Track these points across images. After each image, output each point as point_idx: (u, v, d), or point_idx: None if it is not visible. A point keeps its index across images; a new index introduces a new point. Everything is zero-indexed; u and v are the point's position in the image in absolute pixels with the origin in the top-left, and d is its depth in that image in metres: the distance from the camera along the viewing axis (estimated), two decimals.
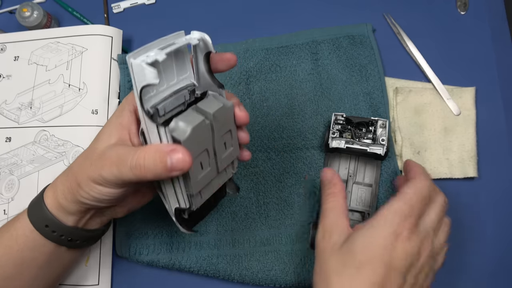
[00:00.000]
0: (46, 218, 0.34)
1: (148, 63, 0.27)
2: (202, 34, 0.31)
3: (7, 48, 0.54)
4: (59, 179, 0.35)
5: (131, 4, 0.58)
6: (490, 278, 0.45)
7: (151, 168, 0.29)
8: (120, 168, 0.30)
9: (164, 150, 0.29)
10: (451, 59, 0.51)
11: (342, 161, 0.47)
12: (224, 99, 0.33)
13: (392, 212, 0.32)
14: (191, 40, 0.31)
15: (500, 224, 0.46)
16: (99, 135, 0.34)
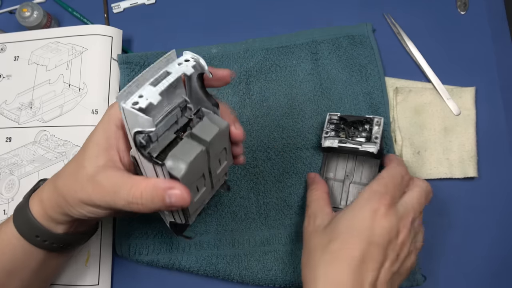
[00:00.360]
0: (36, 228, 0.34)
1: (141, 108, 0.25)
2: (196, 58, 0.29)
3: (7, 48, 0.54)
4: (45, 193, 0.34)
5: (131, 4, 0.58)
6: (490, 278, 0.45)
7: (149, 205, 0.28)
8: (114, 199, 0.29)
9: (161, 187, 0.28)
10: (451, 59, 0.51)
11: (340, 160, 0.47)
12: (219, 119, 0.32)
13: (369, 193, 0.35)
14: (186, 70, 0.28)
15: (500, 224, 0.46)
16: (85, 153, 0.32)
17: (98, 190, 0.30)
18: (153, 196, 0.28)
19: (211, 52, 0.52)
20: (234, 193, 0.48)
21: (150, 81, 0.27)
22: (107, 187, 0.29)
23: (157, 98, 0.26)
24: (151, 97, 0.26)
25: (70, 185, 0.32)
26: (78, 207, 0.31)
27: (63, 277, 0.46)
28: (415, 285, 0.44)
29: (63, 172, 0.34)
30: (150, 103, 0.26)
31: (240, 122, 0.49)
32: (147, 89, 0.26)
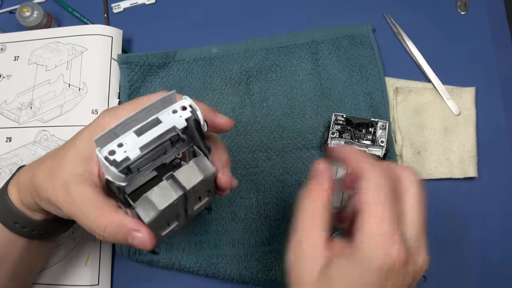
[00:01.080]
0: (14, 214, 0.33)
1: (115, 161, 0.24)
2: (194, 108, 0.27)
3: (7, 48, 0.54)
4: (22, 180, 0.33)
5: (131, 4, 0.58)
6: (490, 278, 0.45)
7: (110, 239, 0.28)
8: (78, 218, 0.28)
9: (126, 226, 0.27)
10: (451, 59, 0.51)
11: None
12: (207, 165, 0.28)
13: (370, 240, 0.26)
14: (178, 122, 0.26)
15: (501, 224, 0.46)
16: (66, 155, 0.30)
17: (67, 201, 0.29)
18: (116, 233, 0.27)
19: (211, 52, 0.52)
20: (234, 193, 0.48)
21: (136, 128, 0.25)
22: (76, 202, 0.29)
23: (135, 153, 0.24)
24: (129, 151, 0.24)
25: (45, 182, 0.31)
26: (47, 204, 0.31)
27: (63, 277, 0.46)
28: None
29: (43, 163, 0.32)
30: (127, 157, 0.24)
31: (240, 122, 0.49)
32: (129, 138, 0.25)
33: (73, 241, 0.47)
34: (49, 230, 0.36)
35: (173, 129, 0.26)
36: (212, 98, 0.51)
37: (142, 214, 0.26)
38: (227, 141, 0.49)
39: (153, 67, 0.52)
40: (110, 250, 0.48)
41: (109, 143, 0.24)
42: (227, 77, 0.51)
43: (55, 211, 0.31)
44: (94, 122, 0.31)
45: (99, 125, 0.31)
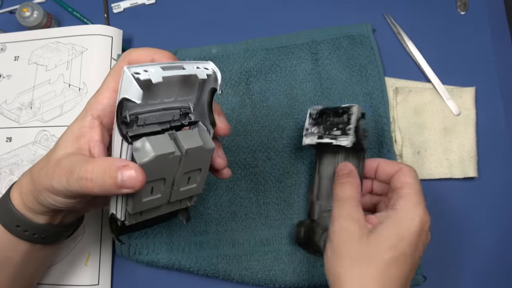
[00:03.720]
0: (16, 218, 0.33)
1: (139, 79, 0.25)
2: (216, 70, 0.30)
3: (7, 48, 0.54)
4: (24, 181, 0.34)
5: (131, 4, 0.58)
6: (490, 278, 0.45)
7: (99, 181, 0.27)
8: (68, 179, 0.28)
9: (116, 164, 0.27)
10: (451, 59, 0.51)
11: (330, 158, 0.43)
12: (208, 139, 0.31)
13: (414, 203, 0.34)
14: (200, 74, 0.28)
15: (500, 224, 0.46)
16: (58, 142, 0.32)
17: (58, 172, 0.29)
18: (104, 172, 0.27)
19: (211, 52, 0.52)
20: (234, 193, 0.48)
21: (163, 65, 0.27)
22: (65, 167, 0.29)
23: (158, 79, 0.26)
24: (153, 75, 0.25)
25: (40, 172, 0.31)
26: (45, 195, 0.31)
27: (63, 277, 0.46)
28: (415, 285, 0.44)
29: (40, 161, 0.33)
30: (149, 79, 0.25)
31: (240, 122, 0.49)
32: (154, 68, 0.26)
33: (73, 241, 0.47)
34: (51, 234, 0.36)
35: (194, 76, 0.28)
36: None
37: (137, 153, 0.27)
38: (227, 141, 0.49)
39: None
40: (110, 250, 0.48)
41: (137, 67, 0.26)
42: (227, 77, 0.51)
43: (53, 199, 0.31)
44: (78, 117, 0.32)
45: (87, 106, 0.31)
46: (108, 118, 0.31)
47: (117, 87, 0.30)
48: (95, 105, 0.31)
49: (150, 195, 0.30)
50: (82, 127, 0.31)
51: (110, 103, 0.31)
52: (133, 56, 0.31)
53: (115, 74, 0.31)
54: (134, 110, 0.28)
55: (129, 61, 0.31)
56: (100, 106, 0.31)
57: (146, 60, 0.31)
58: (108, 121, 0.31)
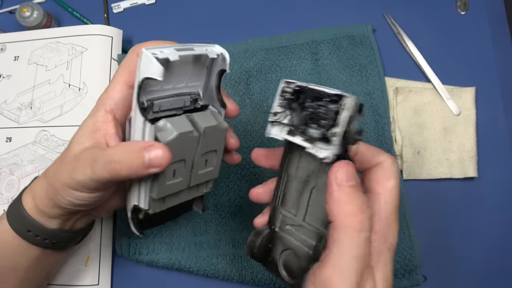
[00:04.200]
0: (28, 223, 0.33)
1: (158, 58, 0.26)
2: (223, 51, 0.31)
3: (7, 48, 0.54)
4: (37, 185, 0.34)
5: (131, 4, 0.58)
6: (490, 278, 0.45)
7: (127, 163, 0.27)
8: (93, 168, 0.29)
9: (142, 145, 0.28)
10: (451, 59, 0.51)
11: (305, 156, 0.30)
12: (221, 119, 0.32)
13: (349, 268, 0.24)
14: (210, 53, 0.30)
15: (500, 224, 0.46)
16: (73, 139, 0.32)
17: (80, 164, 0.29)
18: (132, 152, 0.27)
19: None
20: (234, 193, 0.48)
21: (176, 47, 0.28)
22: (87, 159, 0.29)
23: (175, 57, 0.27)
24: (170, 54, 0.27)
25: (57, 170, 0.31)
26: (64, 193, 0.31)
27: (63, 277, 0.46)
28: (415, 285, 0.44)
29: (55, 161, 0.33)
30: (167, 58, 0.27)
31: (240, 122, 0.49)
32: (169, 49, 0.28)
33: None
34: (62, 239, 0.36)
35: (205, 56, 0.30)
36: None
37: (160, 135, 0.28)
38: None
39: None
40: (110, 250, 0.48)
41: (153, 49, 0.27)
42: (227, 77, 0.51)
43: (75, 196, 0.31)
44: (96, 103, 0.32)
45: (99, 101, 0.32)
46: (121, 111, 0.32)
47: (127, 80, 0.32)
48: (107, 100, 0.32)
49: (173, 178, 0.31)
50: (97, 122, 0.31)
51: (122, 96, 0.32)
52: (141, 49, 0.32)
53: (125, 69, 0.32)
54: (150, 95, 0.29)
55: (138, 54, 0.31)
56: (112, 100, 0.31)
57: None
58: (121, 114, 0.32)
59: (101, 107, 0.32)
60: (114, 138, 0.31)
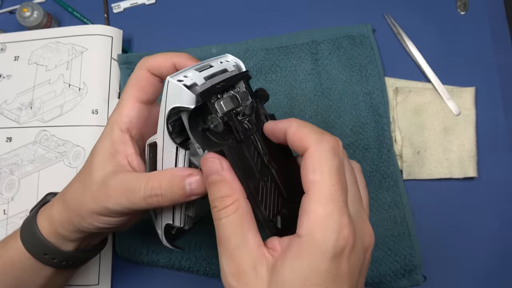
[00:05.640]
0: (44, 246, 0.33)
1: (186, 85, 0.25)
2: (236, 60, 0.30)
3: (7, 48, 0.54)
4: (55, 209, 0.33)
5: (131, 4, 0.58)
6: (490, 278, 0.45)
7: (169, 195, 0.27)
8: (130, 199, 0.28)
9: (180, 174, 0.27)
10: (451, 59, 0.51)
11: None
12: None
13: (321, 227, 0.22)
14: (228, 66, 0.29)
15: (500, 224, 0.46)
16: (92, 163, 0.31)
17: (112, 194, 0.29)
18: (172, 184, 0.27)
19: (211, 52, 0.52)
20: None
21: (195, 67, 0.27)
22: (120, 188, 0.28)
23: (201, 80, 0.26)
24: (196, 78, 0.26)
25: (80, 198, 0.30)
26: (91, 219, 0.30)
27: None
28: (415, 285, 0.44)
29: (71, 185, 0.32)
30: (195, 82, 0.26)
31: None
32: (191, 72, 0.26)
33: None
34: (78, 260, 0.36)
35: (224, 69, 0.28)
36: None
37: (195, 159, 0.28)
38: None
39: None
40: (110, 250, 0.48)
41: (175, 76, 0.26)
42: None
43: (103, 222, 0.30)
44: (107, 124, 0.32)
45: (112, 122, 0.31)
46: (136, 129, 0.31)
47: (138, 96, 0.31)
48: (120, 118, 0.31)
49: None
50: (115, 144, 0.30)
51: (135, 114, 0.31)
52: (151, 63, 0.31)
53: (135, 85, 0.31)
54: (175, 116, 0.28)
55: (148, 68, 0.31)
56: (126, 119, 0.31)
57: (166, 65, 0.30)
58: (137, 132, 0.31)
59: (115, 127, 0.31)
60: (136, 158, 0.31)
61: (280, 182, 0.28)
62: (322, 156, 0.23)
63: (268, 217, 0.26)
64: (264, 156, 0.28)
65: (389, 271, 0.44)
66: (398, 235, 0.45)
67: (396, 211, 0.46)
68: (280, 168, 0.28)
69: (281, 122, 0.26)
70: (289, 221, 0.27)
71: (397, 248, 0.45)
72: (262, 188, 0.27)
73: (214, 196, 0.25)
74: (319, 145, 0.23)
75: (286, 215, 0.27)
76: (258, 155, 0.27)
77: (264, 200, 0.26)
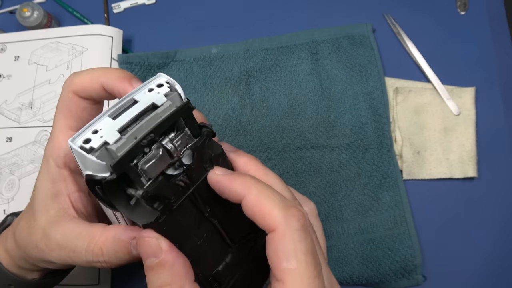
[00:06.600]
0: (7, 277, 0.31)
1: (92, 148, 0.20)
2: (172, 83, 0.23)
3: (7, 48, 0.54)
4: (9, 244, 0.30)
5: (131, 4, 0.58)
6: (490, 278, 0.45)
7: (114, 261, 0.24)
8: (72, 257, 0.25)
9: (123, 238, 0.23)
10: (451, 59, 0.51)
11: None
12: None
13: None
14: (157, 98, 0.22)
15: (500, 224, 0.47)
16: (34, 203, 0.27)
17: (54, 248, 0.26)
18: (115, 250, 0.24)
19: (211, 52, 0.52)
20: None
21: (110, 112, 0.21)
22: (62, 243, 0.26)
23: (114, 136, 0.20)
24: (106, 134, 0.20)
25: (26, 240, 0.28)
26: (41, 264, 0.28)
27: None
28: (415, 285, 0.44)
29: (20, 221, 0.29)
30: (105, 141, 0.20)
31: (240, 122, 0.50)
32: (104, 123, 0.21)
33: None
34: (48, 285, 0.33)
35: (151, 106, 0.22)
36: (212, 98, 0.51)
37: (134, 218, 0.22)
38: (227, 141, 0.49)
39: (153, 67, 0.52)
40: None
41: (82, 133, 0.21)
42: (227, 77, 0.51)
43: (53, 266, 0.29)
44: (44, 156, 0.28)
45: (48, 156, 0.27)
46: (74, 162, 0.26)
47: (70, 125, 0.27)
48: (55, 152, 0.27)
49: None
50: (54, 182, 0.27)
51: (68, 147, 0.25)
52: (77, 85, 0.26)
53: (64, 111, 0.27)
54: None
55: (73, 91, 0.27)
56: (61, 153, 0.26)
57: (93, 86, 0.26)
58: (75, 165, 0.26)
59: (51, 162, 0.27)
60: (80, 197, 0.27)
61: (223, 231, 0.25)
62: (294, 239, 0.20)
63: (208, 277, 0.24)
64: (204, 210, 0.24)
65: (389, 271, 0.44)
66: (398, 235, 0.45)
67: (396, 211, 0.46)
68: (224, 212, 0.25)
69: (235, 184, 0.22)
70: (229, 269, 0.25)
71: (397, 248, 0.45)
72: (200, 249, 0.24)
73: (152, 285, 0.21)
74: (287, 224, 0.21)
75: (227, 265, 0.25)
76: (197, 211, 0.24)
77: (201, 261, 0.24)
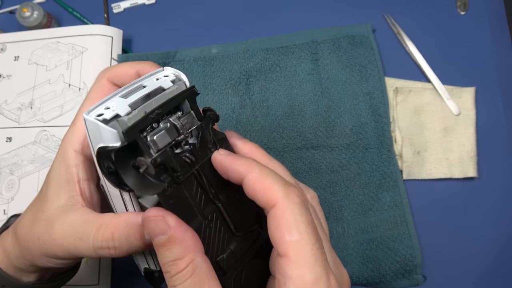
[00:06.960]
0: (4, 279, 0.30)
1: (106, 120, 0.21)
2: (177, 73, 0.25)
3: (7, 48, 0.54)
4: (9, 242, 0.30)
5: (131, 4, 0.58)
6: (489, 278, 0.45)
7: (125, 247, 0.24)
8: (77, 248, 0.25)
9: (137, 222, 0.23)
10: (451, 59, 0.51)
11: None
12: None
13: None
14: (164, 83, 0.24)
15: (500, 224, 0.47)
16: (47, 190, 0.27)
17: (58, 239, 0.25)
18: (128, 234, 0.23)
19: (211, 52, 0.52)
20: None
21: (122, 93, 0.23)
22: (67, 232, 0.25)
23: (125, 109, 0.22)
24: (118, 108, 0.22)
25: (29, 235, 0.27)
26: (42, 260, 0.27)
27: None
28: (415, 285, 0.44)
29: (24, 216, 0.29)
30: (116, 114, 0.22)
31: (240, 122, 0.50)
32: (115, 100, 0.23)
33: None
34: None
35: (159, 89, 0.24)
36: (212, 98, 0.51)
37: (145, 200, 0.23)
38: None
39: None
40: None
41: (95, 110, 0.22)
42: (227, 77, 0.51)
43: (55, 263, 0.28)
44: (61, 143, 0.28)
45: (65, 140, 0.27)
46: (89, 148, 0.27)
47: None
48: (75, 137, 0.27)
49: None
50: (69, 167, 0.26)
51: None
52: (112, 72, 0.28)
53: (93, 96, 0.28)
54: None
55: (109, 78, 0.28)
56: (81, 136, 0.27)
57: (130, 74, 0.28)
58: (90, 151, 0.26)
59: (68, 147, 0.27)
60: (88, 186, 0.27)
61: (227, 217, 0.25)
62: (295, 212, 0.21)
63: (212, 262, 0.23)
64: (209, 191, 0.25)
65: (389, 271, 0.44)
66: (398, 235, 0.45)
67: (396, 211, 0.46)
68: (228, 198, 0.25)
69: (238, 163, 0.23)
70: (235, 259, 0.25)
71: (397, 248, 0.45)
72: (205, 230, 0.24)
73: (165, 260, 0.21)
74: (288, 199, 0.21)
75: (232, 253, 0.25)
76: (202, 190, 0.24)
77: (206, 244, 0.24)
